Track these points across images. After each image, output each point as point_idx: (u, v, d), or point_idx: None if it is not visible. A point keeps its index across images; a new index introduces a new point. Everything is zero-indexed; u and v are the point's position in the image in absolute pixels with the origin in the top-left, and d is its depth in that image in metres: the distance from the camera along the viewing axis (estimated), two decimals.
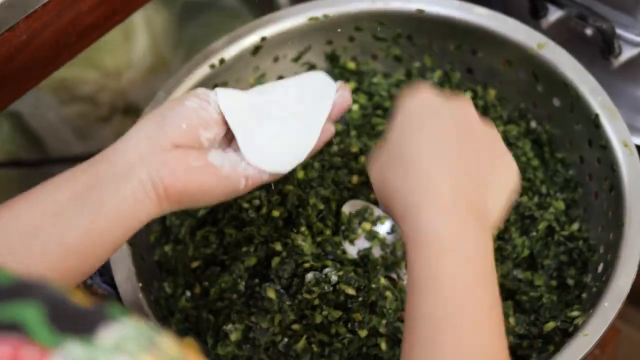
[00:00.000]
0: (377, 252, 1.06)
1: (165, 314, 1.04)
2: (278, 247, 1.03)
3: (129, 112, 1.70)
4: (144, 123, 0.87)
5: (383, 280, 1.02)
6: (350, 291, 0.99)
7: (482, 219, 0.81)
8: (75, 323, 0.50)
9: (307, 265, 1.01)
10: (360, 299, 0.99)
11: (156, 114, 0.88)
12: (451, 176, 0.80)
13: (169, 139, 0.86)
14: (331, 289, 1.00)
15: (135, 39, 1.66)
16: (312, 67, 1.20)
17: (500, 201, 0.84)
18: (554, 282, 1.07)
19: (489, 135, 0.86)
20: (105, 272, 1.12)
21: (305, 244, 1.02)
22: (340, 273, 0.99)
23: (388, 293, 1.01)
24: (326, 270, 1.00)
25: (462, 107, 0.86)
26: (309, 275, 1.00)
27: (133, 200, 0.84)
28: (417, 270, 0.78)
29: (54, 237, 0.81)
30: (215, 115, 0.89)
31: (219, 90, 0.90)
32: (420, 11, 1.14)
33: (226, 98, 0.90)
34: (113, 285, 1.14)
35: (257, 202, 1.07)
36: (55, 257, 0.81)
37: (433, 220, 0.78)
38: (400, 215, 0.81)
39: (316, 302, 1.00)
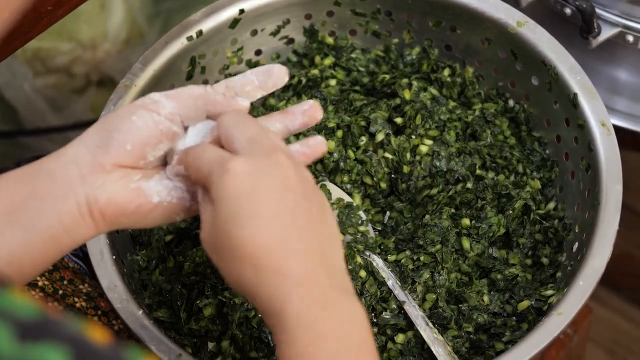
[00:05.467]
0: (348, 238, 1.06)
1: (139, 287, 1.03)
2: None
3: (104, 84, 1.69)
4: (89, 136, 0.82)
5: (359, 258, 1.02)
6: None
7: (342, 285, 0.77)
8: None
9: None
10: None
11: (103, 127, 0.82)
12: (299, 256, 0.75)
13: (112, 159, 0.81)
14: None
15: (111, 10, 1.65)
16: (290, 41, 1.19)
17: (340, 252, 0.79)
18: (529, 261, 1.07)
19: (309, 184, 0.79)
20: None
21: None
22: None
23: (362, 272, 1.01)
24: None
25: (278, 165, 0.77)
26: None
27: (68, 222, 0.80)
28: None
29: None
30: (167, 127, 0.82)
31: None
32: None
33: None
34: (83, 259, 1.14)
35: None
36: None
37: (298, 311, 0.74)
38: (262, 307, 0.75)
39: None
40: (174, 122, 0.83)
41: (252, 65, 1.18)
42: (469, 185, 1.08)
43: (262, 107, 1.18)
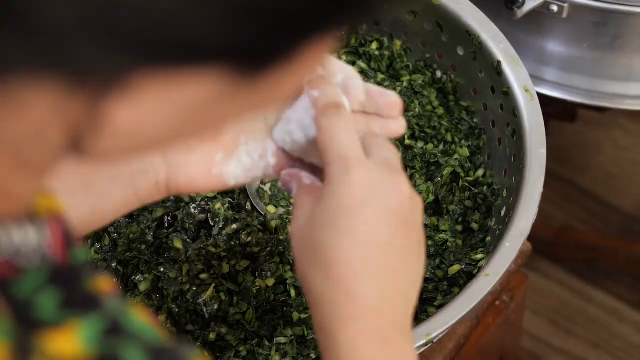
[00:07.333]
0: (281, 210, 1.07)
1: None
2: (186, 198, 1.04)
3: None
4: None
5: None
6: (257, 249, 1.01)
7: (405, 327, 0.74)
8: None
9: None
10: (268, 249, 1.01)
11: None
12: (376, 284, 0.72)
13: None
14: (240, 248, 1.01)
15: None
16: None
17: (416, 293, 0.76)
18: (459, 227, 1.09)
19: (417, 217, 0.75)
20: None
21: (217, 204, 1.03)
22: (249, 239, 1.01)
23: None
24: (234, 226, 1.02)
25: (398, 190, 0.73)
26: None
27: (144, 195, 0.81)
28: None
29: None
30: None
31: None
32: None
33: None
34: None
35: None
36: None
37: (354, 342, 0.70)
38: (318, 320, 0.72)
39: (223, 254, 1.01)
40: None
41: None
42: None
43: None
